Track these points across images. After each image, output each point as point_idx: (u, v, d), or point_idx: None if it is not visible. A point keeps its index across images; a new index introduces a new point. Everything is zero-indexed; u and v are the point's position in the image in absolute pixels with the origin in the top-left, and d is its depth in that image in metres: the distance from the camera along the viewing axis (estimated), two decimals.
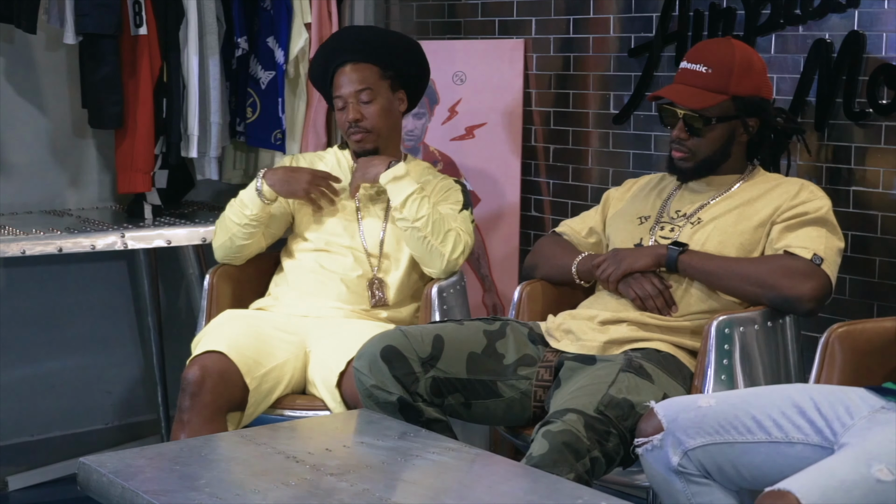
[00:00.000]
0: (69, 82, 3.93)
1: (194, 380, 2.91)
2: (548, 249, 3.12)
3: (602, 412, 2.52)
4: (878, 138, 3.13)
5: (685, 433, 2.33)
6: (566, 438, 2.45)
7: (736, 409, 2.33)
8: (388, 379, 2.69)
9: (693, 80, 2.87)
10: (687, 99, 2.86)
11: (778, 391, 2.40)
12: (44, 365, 4.06)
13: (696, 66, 2.86)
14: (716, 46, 2.92)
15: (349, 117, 3.25)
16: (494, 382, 2.79)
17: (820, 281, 2.73)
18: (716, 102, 2.85)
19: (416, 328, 2.82)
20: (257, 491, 2.10)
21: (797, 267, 2.74)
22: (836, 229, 2.81)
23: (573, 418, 2.49)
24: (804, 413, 2.29)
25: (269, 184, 3.25)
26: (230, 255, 3.35)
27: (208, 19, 3.79)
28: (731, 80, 2.84)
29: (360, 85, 3.26)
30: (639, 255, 2.87)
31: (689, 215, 2.91)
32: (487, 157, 4.04)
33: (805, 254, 2.73)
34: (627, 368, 2.65)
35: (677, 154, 2.91)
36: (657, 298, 2.82)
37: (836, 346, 2.52)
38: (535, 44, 3.99)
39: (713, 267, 2.80)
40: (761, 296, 2.76)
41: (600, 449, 2.49)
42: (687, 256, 2.82)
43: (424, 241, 3.14)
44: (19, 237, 3.43)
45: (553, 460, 2.42)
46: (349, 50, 3.28)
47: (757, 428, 2.30)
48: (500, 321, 2.91)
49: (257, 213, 3.26)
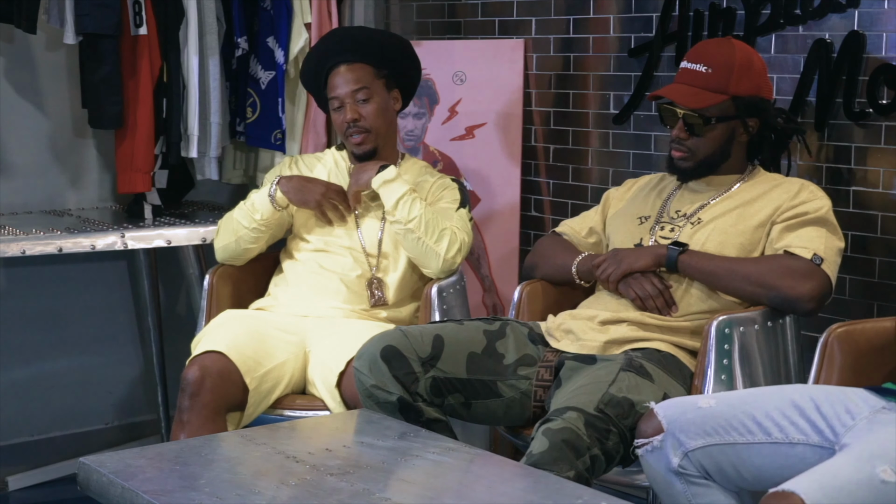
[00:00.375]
0: (69, 82, 3.93)
1: (194, 380, 2.91)
2: (548, 249, 3.13)
3: (602, 410, 2.52)
4: (878, 138, 3.13)
5: (685, 434, 2.33)
6: (566, 436, 2.45)
7: (736, 409, 2.33)
8: (388, 379, 2.69)
9: (693, 80, 2.87)
10: (687, 99, 2.86)
11: (778, 392, 2.40)
12: (44, 365, 4.06)
13: (697, 65, 2.87)
14: (716, 46, 2.92)
15: (347, 117, 3.25)
16: (494, 382, 2.79)
17: (820, 281, 2.73)
18: (715, 102, 2.85)
19: (416, 328, 2.83)
20: (257, 491, 2.10)
21: (797, 267, 2.74)
22: (836, 229, 2.81)
23: (573, 416, 2.49)
24: (804, 413, 2.29)
25: (283, 191, 3.26)
26: (233, 256, 3.35)
27: (208, 19, 3.79)
28: (731, 79, 2.84)
29: (357, 84, 3.26)
30: (639, 255, 2.87)
31: (690, 215, 2.91)
32: (487, 157, 4.04)
33: (805, 254, 2.73)
34: (628, 368, 2.65)
35: (677, 154, 2.91)
36: (657, 298, 2.82)
37: (835, 346, 2.52)
38: (535, 44, 3.99)
39: (713, 267, 2.80)
40: (762, 296, 2.76)
41: (600, 447, 2.49)
42: (687, 256, 2.82)
43: (419, 241, 3.14)
44: (19, 237, 3.43)
45: (553, 458, 2.42)
46: (342, 51, 3.28)
47: (757, 429, 2.30)
48: (500, 321, 2.91)
49: (267, 217, 3.27)
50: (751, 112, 2.87)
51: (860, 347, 2.53)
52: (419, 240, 3.14)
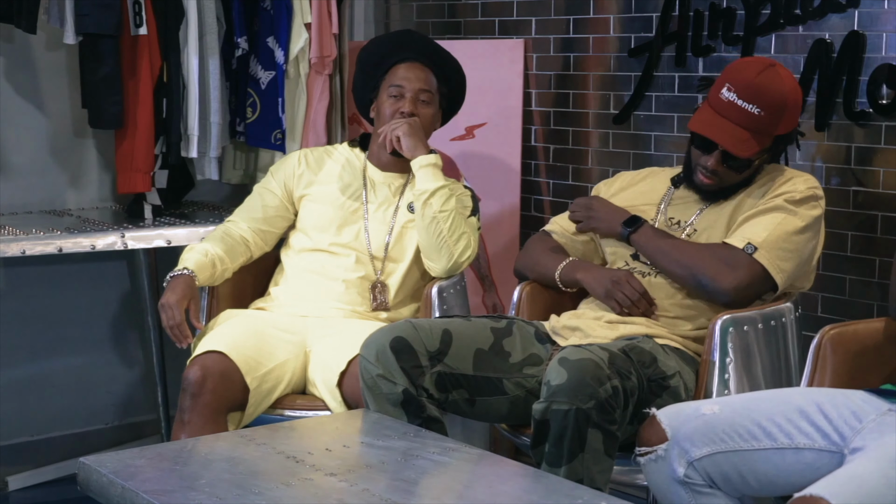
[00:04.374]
0: (69, 82, 3.93)
1: (195, 380, 2.90)
2: (534, 254, 3.10)
3: (626, 352, 2.53)
4: (878, 138, 3.13)
5: (690, 442, 2.31)
6: (586, 365, 2.45)
7: (741, 415, 2.31)
8: (396, 370, 2.68)
9: (745, 122, 2.76)
10: (739, 147, 2.77)
11: (782, 396, 2.39)
12: (44, 365, 4.06)
13: (749, 105, 2.75)
14: (769, 85, 2.77)
15: (406, 108, 3.24)
16: (500, 380, 2.79)
17: (747, 271, 2.73)
18: (764, 147, 2.81)
19: (425, 321, 2.82)
20: (257, 491, 2.10)
21: (724, 256, 2.75)
22: (800, 215, 2.76)
23: (596, 348, 2.50)
24: (809, 418, 2.28)
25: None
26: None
27: (208, 19, 3.79)
28: (781, 123, 2.78)
29: (426, 85, 3.27)
30: (607, 220, 2.95)
31: (685, 225, 2.90)
32: (487, 157, 4.04)
33: (738, 243, 2.74)
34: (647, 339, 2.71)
35: (706, 181, 2.85)
36: (639, 303, 2.82)
37: (828, 348, 2.51)
38: (535, 44, 3.99)
39: (654, 247, 2.84)
40: (688, 280, 2.80)
41: (620, 382, 2.49)
42: (637, 235, 2.87)
43: (440, 235, 3.14)
44: (19, 237, 3.43)
45: (572, 388, 2.42)
46: (423, 53, 3.30)
47: (763, 434, 2.28)
48: (507, 319, 2.91)
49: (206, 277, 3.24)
50: (785, 142, 2.85)
51: (853, 349, 2.52)
52: (441, 233, 3.14)
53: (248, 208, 3.38)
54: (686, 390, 2.70)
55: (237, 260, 3.30)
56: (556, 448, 2.48)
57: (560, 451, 2.47)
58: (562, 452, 2.47)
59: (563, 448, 2.47)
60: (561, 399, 2.45)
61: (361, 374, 2.74)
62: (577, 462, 2.47)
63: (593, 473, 2.48)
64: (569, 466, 2.47)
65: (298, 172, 3.35)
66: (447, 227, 3.14)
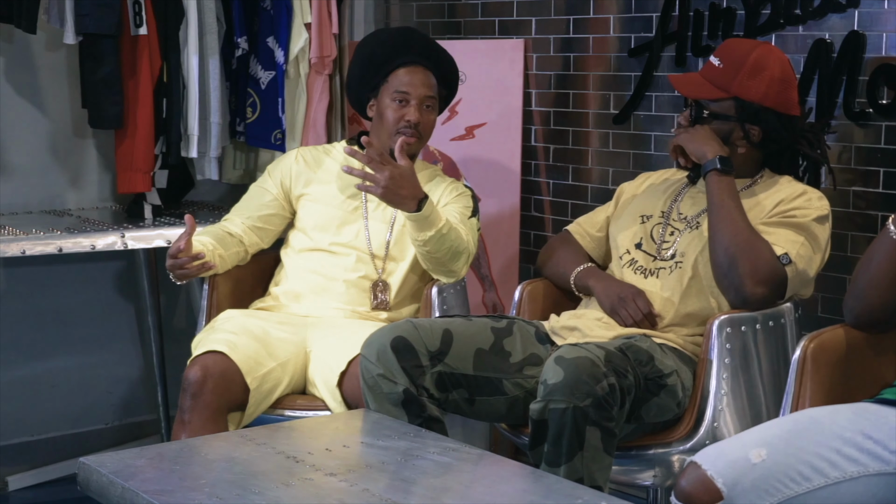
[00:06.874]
0: (69, 82, 3.93)
1: (195, 380, 2.90)
2: (556, 252, 3.12)
3: (623, 351, 2.53)
4: (878, 138, 3.13)
5: (747, 498, 2.17)
6: (582, 363, 2.44)
7: (789, 456, 2.20)
8: (396, 369, 2.68)
9: (705, 72, 2.89)
10: (689, 88, 2.87)
11: (822, 427, 2.26)
12: (44, 365, 4.06)
13: (714, 58, 2.88)
14: (738, 44, 2.90)
15: (412, 117, 3.22)
16: (500, 380, 2.79)
17: (774, 285, 2.70)
18: (714, 97, 2.84)
19: (426, 321, 2.82)
20: (257, 491, 2.10)
21: (764, 263, 2.69)
22: (816, 242, 2.76)
23: (593, 346, 2.49)
24: (854, 443, 2.20)
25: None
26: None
27: (208, 19, 3.79)
28: (735, 79, 2.81)
29: (431, 91, 3.25)
30: (700, 145, 2.81)
31: (690, 219, 2.90)
32: (487, 157, 4.04)
33: (777, 250, 2.71)
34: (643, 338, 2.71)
35: (675, 140, 2.89)
36: (643, 323, 2.82)
37: (810, 361, 2.44)
38: (535, 44, 3.99)
39: (724, 203, 2.74)
40: (719, 263, 2.71)
41: (617, 380, 2.48)
42: (715, 177, 2.76)
43: (439, 262, 3.13)
44: (19, 237, 3.43)
45: (569, 387, 2.41)
46: (426, 55, 3.28)
47: (814, 474, 2.19)
48: (507, 319, 2.91)
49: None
50: (751, 119, 2.83)
51: (831, 360, 2.46)
52: (439, 260, 3.13)
53: (243, 206, 3.38)
54: (683, 389, 2.70)
55: (229, 249, 3.30)
56: (554, 447, 2.48)
57: (559, 450, 2.47)
58: (560, 451, 2.47)
59: (562, 447, 2.47)
60: (558, 397, 2.45)
61: (362, 374, 2.74)
62: (577, 460, 2.47)
63: (593, 471, 2.48)
64: (568, 465, 2.47)
65: (296, 171, 3.34)
66: (447, 258, 3.12)
